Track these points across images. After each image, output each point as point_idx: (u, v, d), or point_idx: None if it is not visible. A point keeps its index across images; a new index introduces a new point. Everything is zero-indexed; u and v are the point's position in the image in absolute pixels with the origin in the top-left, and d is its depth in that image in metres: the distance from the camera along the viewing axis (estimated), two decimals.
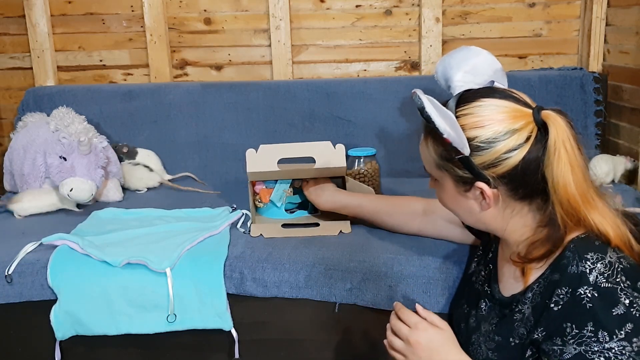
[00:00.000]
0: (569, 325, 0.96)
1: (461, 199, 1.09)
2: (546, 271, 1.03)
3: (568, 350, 0.96)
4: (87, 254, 1.52)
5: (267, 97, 2.32)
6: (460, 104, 1.05)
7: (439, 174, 1.09)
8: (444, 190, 1.11)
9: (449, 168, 1.06)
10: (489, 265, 1.21)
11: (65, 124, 1.99)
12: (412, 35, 2.45)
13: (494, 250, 1.22)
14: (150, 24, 2.45)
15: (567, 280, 0.97)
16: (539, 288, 1.03)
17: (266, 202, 1.77)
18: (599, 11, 2.32)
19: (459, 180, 1.06)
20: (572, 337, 0.95)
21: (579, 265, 0.97)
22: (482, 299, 1.19)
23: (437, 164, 1.08)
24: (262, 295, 1.51)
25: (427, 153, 1.10)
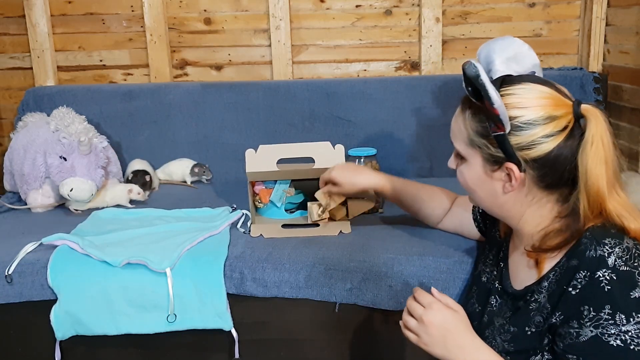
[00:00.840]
0: (587, 308, 0.96)
1: (486, 179, 1.10)
2: (562, 259, 1.03)
3: (584, 333, 0.96)
4: (87, 254, 1.52)
5: (267, 97, 2.32)
6: (504, 84, 1.05)
7: (469, 151, 1.10)
8: (470, 168, 1.11)
9: (482, 145, 1.07)
10: (500, 264, 1.22)
11: (65, 124, 1.99)
12: (412, 35, 2.45)
13: (504, 249, 1.23)
14: (150, 24, 2.45)
15: (586, 264, 0.98)
16: (555, 276, 1.04)
17: (266, 203, 1.77)
18: (599, 11, 2.32)
19: (489, 159, 1.07)
20: (590, 319, 0.96)
21: (597, 249, 0.97)
22: (492, 295, 1.20)
23: (470, 139, 1.08)
24: (262, 295, 1.51)
25: (461, 127, 1.10)
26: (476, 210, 1.47)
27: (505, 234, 1.25)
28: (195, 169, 2.23)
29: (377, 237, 1.61)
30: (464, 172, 1.13)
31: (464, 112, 1.09)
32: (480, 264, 1.31)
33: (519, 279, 1.14)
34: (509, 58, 1.11)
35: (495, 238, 1.29)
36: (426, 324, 1.07)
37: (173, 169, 2.26)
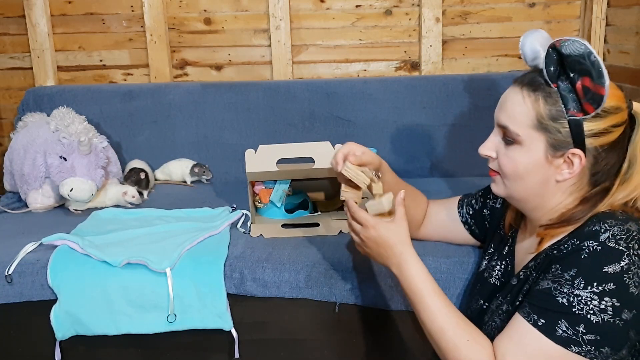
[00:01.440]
0: (557, 267, 1.00)
1: (543, 165, 1.07)
2: (564, 238, 1.05)
3: (542, 284, 1.01)
4: (87, 254, 1.52)
5: (267, 97, 2.32)
6: None
7: (532, 134, 1.05)
8: (527, 153, 1.07)
9: (553, 129, 1.04)
10: (506, 259, 1.22)
11: (65, 124, 1.99)
12: (412, 35, 2.45)
13: (510, 244, 1.23)
14: (150, 24, 2.45)
15: (579, 235, 1.00)
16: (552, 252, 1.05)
17: (266, 203, 1.77)
18: (599, 11, 2.32)
19: (555, 144, 1.04)
20: (552, 275, 1.00)
21: (596, 225, 0.99)
22: (497, 292, 1.20)
23: (539, 122, 1.04)
24: (262, 295, 1.51)
25: (526, 110, 1.05)
26: (465, 212, 1.44)
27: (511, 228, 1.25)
28: (195, 169, 2.23)
29: None
30: (515, 157, 1.08)
31: (534, 93, 1.05)
32: (484, 260, 1.31)
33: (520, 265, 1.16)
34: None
35: (498, 235, 1.29)
36: (364, 240, 1.19)
37: (172, 168, 2.26)
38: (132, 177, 2.11)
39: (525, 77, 1.08)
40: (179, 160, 2.27)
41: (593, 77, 0.99)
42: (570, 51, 1.00)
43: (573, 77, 1.01)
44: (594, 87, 0.99)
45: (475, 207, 1.42)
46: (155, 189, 2.21)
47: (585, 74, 0.99)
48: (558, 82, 1.03)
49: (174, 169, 2.26)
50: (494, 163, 1.13)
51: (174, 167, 2.26)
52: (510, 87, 1.10)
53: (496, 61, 2.45)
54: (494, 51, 2.44)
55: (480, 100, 2.19)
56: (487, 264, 1.29)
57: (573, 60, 1.00)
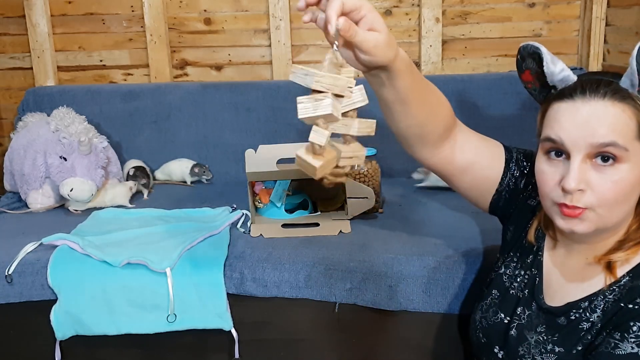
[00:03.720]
0: (637, 325, 0.91)
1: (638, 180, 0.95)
2: (623, 278, 0.97)
3: (624, 347, 0.91)
4: (87, 254, 1.53)
5: (267, 97, 2.32)
6: None
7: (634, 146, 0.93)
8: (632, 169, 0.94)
9: None
10: (532, 270, 1.12)
11: (65, 124, 1.99)
12: (412, 35, 2.45)
13: (539, 255, 1.12)
14: (150, 24, 2.45)
15: None
16: (614, 296, 0.96)
17: (266, 203, 1.77)
18: (598, 11, 2.32)
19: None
20: (635, 336, 0.90)
21: None
22: (519, 305, 1.11)
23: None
24: (262, 295, 1.51)
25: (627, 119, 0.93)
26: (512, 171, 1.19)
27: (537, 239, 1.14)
28: (195, 169, 2.23)
29: (377, 237, 1.61)
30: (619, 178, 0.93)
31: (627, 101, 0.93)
32: (501, 264, 1.19)
33: (558, 294, 1.06)
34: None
35: (521, 239, 1.17)
36: None
37: (172, 168, 2.26)
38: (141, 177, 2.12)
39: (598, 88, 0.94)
40: (179, 160, 2.27)
41: None
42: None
43: None
44: None
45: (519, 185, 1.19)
46: (155, 189, 2.21)
47: None
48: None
49: (174, 169, 2.26)
50: (583, 197, 0.95)
51: (174, 167, 2.26)
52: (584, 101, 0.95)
53: (496, 61, 2.45)
54: (494, 51, 2.44)
55: (480, 100, 2.19)
56: (504, 269, 1.17)
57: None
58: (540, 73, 1.05)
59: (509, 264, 1.17)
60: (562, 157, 0.98)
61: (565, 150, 0.96)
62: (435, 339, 1.48)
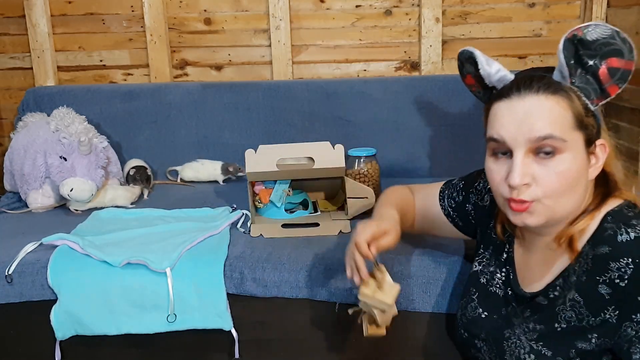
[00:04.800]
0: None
1: (583, 168, 0.99)
2: (584, 248, 1.00)
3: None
4: (87, 254, 1.52)
5: (267, 97, 2.32)
6: None
7: (573, 136, 0.97)
8: (574, 158, 0.98)
9: (587, 124, 0.98)
10: (506, 267, 1.17)
11: (65, 124, 1.99)
12: (412, 36, 2.45)
13: (507, 251, 1.17)
14: (150, 24, 2.45)
15: (622, 250, 0.94)
16: (581, 267, 1.00)
17: (266, 203, 1.77)
18: (599, 11, 2.32)
19: (589, 140, 0.99)
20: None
21: (630, 231, 0.95)
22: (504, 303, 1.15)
23: (579, 121, 0.97)
24: (262, 295, 1.51)
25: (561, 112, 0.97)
26: (447, 205, 1.36)
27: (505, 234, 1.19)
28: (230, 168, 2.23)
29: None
30: (564, 169, 0.98)
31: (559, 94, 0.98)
32: (475, 263, 1.25)
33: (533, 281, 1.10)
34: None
35: (489, 237, 1.23)
36: None
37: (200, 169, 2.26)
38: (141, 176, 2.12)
39: (532, 84, 0.99)
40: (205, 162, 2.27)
41: (624, 54, 0.95)
42: (597, 35, 0.95)
43: (592, 65, 0.97)
44: (625, 65, 0.96)
45: (458, 199, 1.34)
46: (155, 189, 2.21)
47: (613, 54, 0.95)
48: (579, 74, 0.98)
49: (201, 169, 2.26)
50: (529, 191, 0.99)
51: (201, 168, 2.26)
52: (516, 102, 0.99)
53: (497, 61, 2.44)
54: (494, 51, 2.44)
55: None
56: (481, 269, 1.22)
57: (600, 44, 0.95)
58: (479, 76, 1.13)
59: (483, 261, 1.22)
60: (507, 155, 1.02)
61: (508, 147, 1.00)
62: (436, 339, 1.48)
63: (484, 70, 1.09)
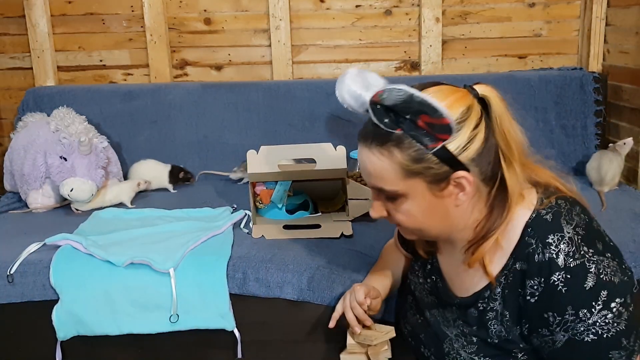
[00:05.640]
0: (550, 314, 0.98)
1: (435, 202, 1.02)
2: (509, 261, 1.03)
3: (558, 339, 0.99)
4: (90, 254, 1.52)
5: (267, 97, 2.32)
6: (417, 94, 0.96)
7: (407, 184, 1.00)
8: (414, 202, 1.02)
9: (423, 169, 0.98)
10: (432, 277, 1.19)
11: (65, 124, 1.99)
12: (412, 35, 2.45)
13: (431, 261, 1.20)
14: (150, 24, 2.45)
15: (537, 269, 0.99)
16: (506, 280, 1.04)
17: (267, 203, 1.77)
18: (599, 11, 2.32)
19: (434, 180, 0.99)
20: (557, 324, 0.98)
21: (545, 252, 0.98)
22: (431, 309, 1.19)
23: (407, 171, 0.99)
24: (264, 295, 1.51)
25: (386, 166, 1.00)
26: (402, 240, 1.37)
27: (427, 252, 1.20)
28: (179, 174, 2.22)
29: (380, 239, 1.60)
30: (407, 210, 1.04)
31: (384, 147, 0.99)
32: (409, 272, 1.30)
33: (464, 286, 1.12)
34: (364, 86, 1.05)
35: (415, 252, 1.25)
36: None
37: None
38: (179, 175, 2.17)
39: (368, 135, 1.02)
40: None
41: (429, 114, 0.94)
42: (392, 101, 0.95)
43: (411, 119, 0.95)
44: (436, 121, 0.94)
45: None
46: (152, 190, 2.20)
47: (420, 113, 0.94)
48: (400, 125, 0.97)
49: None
50: (392, 219, 1.08)
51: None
52: (359, 148, 1.04)
53: (496, 61, 2.45)
54: (493, 51, 2.44)
55: None
56: (412, 278, 1.27)
57: (401, 108, 0.95)
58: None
59: (414, 271, 1.27)
60: None
61: None
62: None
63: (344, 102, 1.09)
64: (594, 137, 2.23)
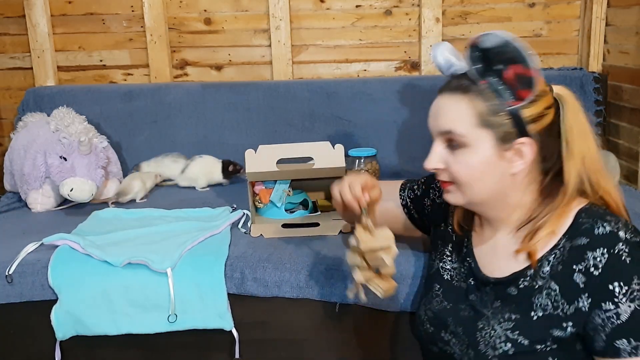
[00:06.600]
0: (617, 285, 0.97)
1: (495, 161, 1.06)
2: (560, 241, 1.05)
3: (623, 310, 0.97)
4: (88, 254, 1.52)
5: (267, 97, 2.32)
6: None
7: (478, 133, 1.05)
8: (475, 153, 1.06)
9: (496, 123, 1.04)
10: (466, 260, 1.20)
11: (65, 124, 1.99)
12: (412, 35, 2.45)
13: (466, 244, 1.21)
14: (150, 24, 2.45)
15: (600, 241, 0.99)
16: (557, 259, 1.04)
17: (266, 203, 1.77)
18: (599, 11, 2.32)
19: (502, 138, 1.05)
20: (624, 295, 0.97)
21: (605, 226, 1.00)
22: (469, 294, 1.17)
23: (482, 120, 1.05)
24: (263, 295, 1.51)
25: (463, 111, 1.06)
26: (406, 195, 1.40)
27: (461, 229, 1.22)
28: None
29: None
30: (466, 160, 1.07)
31: (466, 95, 1.06)
32: (435, 260, 1.28)
33: (498, 267, 1.13)
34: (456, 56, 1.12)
35: (447, 233, 1.27)
36: None
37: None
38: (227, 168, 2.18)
39: (451, 85, 1.09)
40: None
41: (520, 62, 1.02)
42: (490, 44, 1.03)
43: (500, 69, 1.03)
44: (524, 72, 1.02)
45: (417, 192, 1.39)
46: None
47: (512, 62, 1.02)
48: (486, 78, 1.05)
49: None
50: (444, 174, 1.11)
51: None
52: (437, 98, 1.11)
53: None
54: None
55: None
56: (440, 264, 1.25)
57: (496, 52, 1.03)
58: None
59: (444, 259, 1.26)
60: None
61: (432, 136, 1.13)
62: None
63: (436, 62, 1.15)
64: None
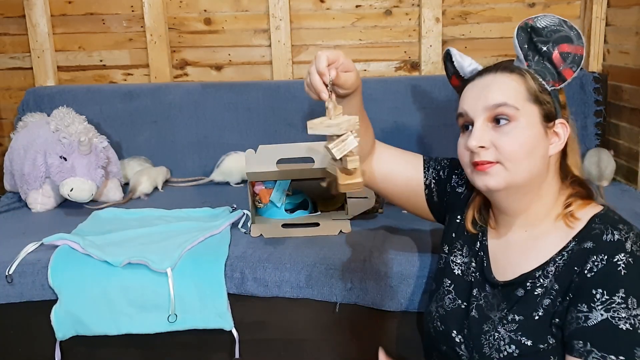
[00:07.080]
0: (599, 292, 0.97)
1: (540, 137, 1.06)
2: (570, 243, 1.05)
3: (594, 316, 0.97)
4: (88, 254, 1.52)
5: (267, 97, 2.32)
6: None
7: (528, 107, 1.06)
8: (525, 128, 1.05)
9: (543, 100, 1.07)
10: (479, 254, 1.18)
11: (65, 124, 1.99)
12: (412, 36, 2.45)
13: (481, 239, 1.19)
14: (150, 24, 2.45)
15: (604, 247, 0.99)
16: (564, 260, 1.04)
17: (266, 203, 1.77)
18: (599, 11, 2.32)
19: (547, 115, 1.07)
20: (601, 302, 0.96)
21: (615, 233, 0.99)
22: (473, 288, 1.16)
23: (533, 95, 1.06)
24: (263, 295, 1.51)
25: (516, 84, 1.07)
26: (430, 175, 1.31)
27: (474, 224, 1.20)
28: None
29: (377, 237, 1.61)
30: (515, 135, 1.05)
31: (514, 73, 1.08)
32: (446, 254, 1.24)
33: (509, 269, 1.12)
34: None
35: (462, 226, 1.23)
36: None
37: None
38: None
39: (494, 66, 1.12)
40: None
41: (573, 40, 1.07)
42: (545, 23, 1.09)
43: (546, 50, 1.08)
44: (574, 49, 1.07)
45: (442, 175, 1.31)
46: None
47: (563, 41, 1.07)
48: (529, 59, 1.09)
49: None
50: (489, 153, 1.06)
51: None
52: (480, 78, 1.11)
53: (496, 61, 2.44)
54: (494, 51, 2.44)
55: None
56: (453, 259, 1.22)
57: (549, 31, 1.08)
58: (457, 73, 1.23)
59: (456, 253, 1.23)
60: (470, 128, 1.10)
61: (470, 119, 1.09)
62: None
63: (457, 63, 1.20)
64: (594, 137, 2.22)
